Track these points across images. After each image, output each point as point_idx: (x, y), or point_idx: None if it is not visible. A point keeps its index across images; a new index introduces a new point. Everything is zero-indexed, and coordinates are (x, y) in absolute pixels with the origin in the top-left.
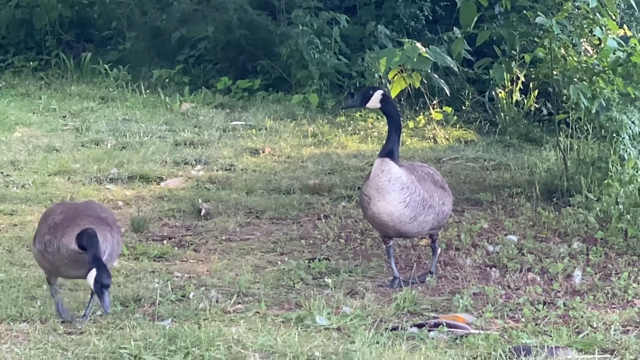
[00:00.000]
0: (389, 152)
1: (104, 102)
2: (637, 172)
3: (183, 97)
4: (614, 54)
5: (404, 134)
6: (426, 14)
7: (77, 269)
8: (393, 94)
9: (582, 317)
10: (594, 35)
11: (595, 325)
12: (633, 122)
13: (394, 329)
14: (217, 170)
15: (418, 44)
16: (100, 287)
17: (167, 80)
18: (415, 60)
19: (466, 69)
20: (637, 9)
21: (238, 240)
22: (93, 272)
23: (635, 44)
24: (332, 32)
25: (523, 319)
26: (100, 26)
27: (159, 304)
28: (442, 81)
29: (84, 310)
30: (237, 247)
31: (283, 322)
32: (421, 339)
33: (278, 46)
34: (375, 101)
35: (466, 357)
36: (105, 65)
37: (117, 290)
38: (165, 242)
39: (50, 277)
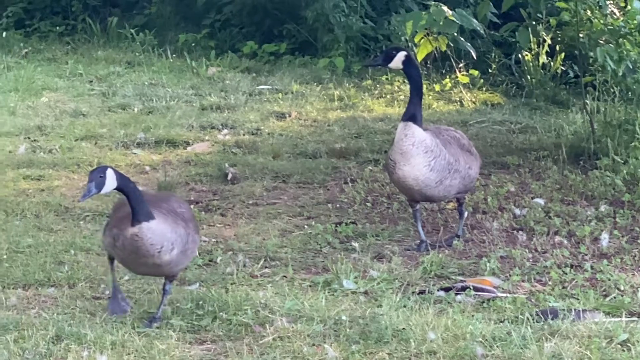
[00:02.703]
0: (411, 115)
1: (130, 66)
2: None
3: (209, 62)
4: None
5: (430, 97)
6: None
7: (147, 264)
8: (419, 58)
9: (609, 280)
10: None
11: (622, 288)
12: None
13: (421, 292)
14: (243, 135)
15: (444, 7)
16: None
17: (193, 44)
18: (441, 23)
19: (492, 32)
20: None
21: (265, 204)
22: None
23: None
24: None
25: (550, 282)
26: None
27: (186, 268)
28: (469, 44)
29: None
30: (264, 211)
31: (310, 286)
32: (448, 302)
33: (304, 10)
34: (397, 61)
35: (493, 320)
36: (131, 30)
37: None
38: (192, 206)
39: (111, 261)
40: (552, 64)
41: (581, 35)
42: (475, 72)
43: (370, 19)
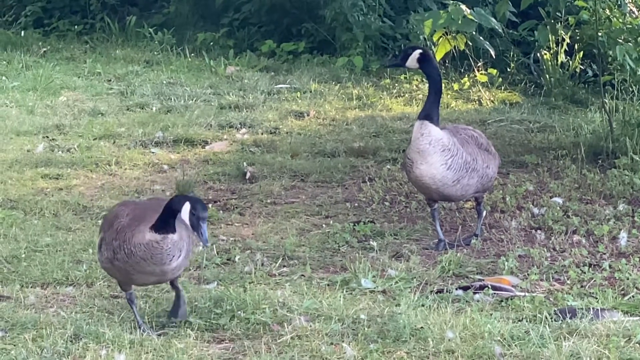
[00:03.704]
0: (427, 114)
1: (148, 65)
2: None
3: (228, 61)
4: None
5: (448, 96)
6: None
7: (154, 272)
8: (438, 57)
9: (627, 279)
10: None
11: None
12: None
13: (439, 291)
14: (262, 134)
15: (463, 6)
16: (197, 219)
17: (211, 43)
18: (460, 22)
19: (511, 31)
20: None
21: (283, 203)
22: (186, 206)
23: None
24: None
25: (568, 281)
26: None
27: (204, 267)
28: (487, 43)
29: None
30: (282, 210)
31: (328, 285)
32: (466, 301)
33: (322, 9)
34: (413, 60)
35: (511, 319)
36: (149, 29)
37: None
38: (210, 205)
39: (124, 285)
40: (570, 62)
41: (600, 34)
42: (494, 71)
43: (388, 18)
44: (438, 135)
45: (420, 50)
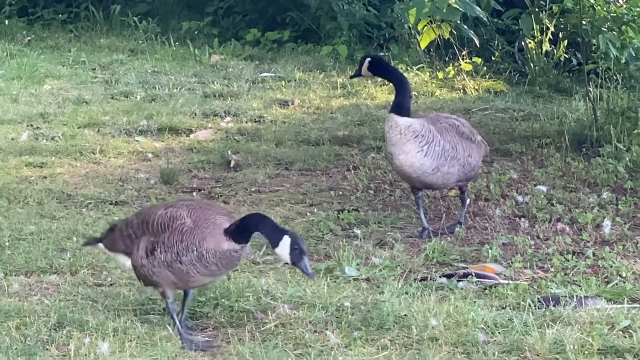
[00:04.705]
0: (394, 107)
1: (133, 54)
2: None
3: (212, 49)
4: None
5: (433, 84)
6: None
7: (219, 275)
8: (422, 45)
9: (611, 266)
10: None
11: (624, 275)
12: None
13: (423, 279)
14: (246, 122)
15: None
16: (300, 253)
17: (196, 32)
18: (444, 10)
19: (495, 20)
20: None
21: (267, 191)
22: (286, 240)
23: None
24: None
25: (552, 269)
26: None
27: None
28: (472, 32)
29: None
30: (266, 198)
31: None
32: (450, 289)
33: None
34: (364, 69)
35: (495, 307)
36: (134, 18)
37: None
38: (194, 193)
39: (167, 291)
40: (555, 51)
41: (584, 22)
42: (479, 60)
43: (373, 7)
44: (406, 123)
45: (368, 59)
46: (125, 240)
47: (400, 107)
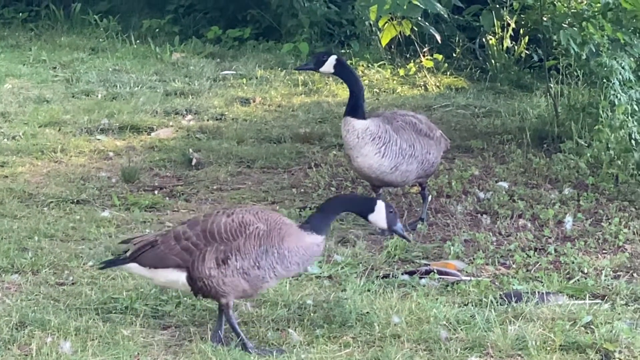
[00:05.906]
0: (349, 110)
1: (94, 53)
2: (627, 117)
3: (173, 47)
4: None
5: (394, 81)
6: None
7: (292, 275)
8: (383, 42)
9: (573, 262)
10: None
11: (586, 271)
12: (623, 68)
13: (385, 276)
14: (207, 120)
15: None
16: (395, 215)
17: (157, 30)
18: (405, 7)
19: (456, 16)
20: None
21: (229, 189)
22: (380, 205)
23: None
24: None
25: (514, 265)
26: None
27: None
28: (433, 28)
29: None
30: (228, 196)
31: None
32: (412, 286)
33: None
34: (329, 66)
35: (457, 303)
36: (95, 16)
37: (109, 240)
38: (156, 192)
39: (231, 302)
40: (516, 47)
41: (545, 18)
42: (440, 57)
43: (334, 4)
44: (362, 126)
45: (336, 57)
46: (180, 254)
47: (356, 109)
